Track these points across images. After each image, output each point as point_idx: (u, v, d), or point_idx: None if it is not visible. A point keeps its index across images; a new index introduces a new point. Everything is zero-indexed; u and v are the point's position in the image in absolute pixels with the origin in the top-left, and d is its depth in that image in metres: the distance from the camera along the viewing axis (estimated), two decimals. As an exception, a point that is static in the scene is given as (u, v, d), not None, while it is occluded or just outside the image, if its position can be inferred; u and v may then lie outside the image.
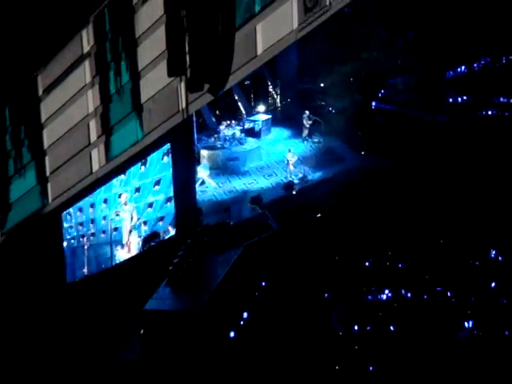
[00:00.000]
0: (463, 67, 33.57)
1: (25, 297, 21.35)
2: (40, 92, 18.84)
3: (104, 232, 23.73)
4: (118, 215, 23.80)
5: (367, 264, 26.00)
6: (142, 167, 23.86)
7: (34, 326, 21.23)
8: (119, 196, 23.72)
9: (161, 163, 24.48)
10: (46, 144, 19.26)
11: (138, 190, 24.11)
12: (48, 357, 21.03)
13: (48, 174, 19.40)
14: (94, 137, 18.88)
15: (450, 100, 33.16)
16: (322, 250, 26.71)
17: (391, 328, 22.03)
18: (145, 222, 24.77)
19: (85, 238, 23.24)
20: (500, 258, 24.70)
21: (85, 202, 22.32)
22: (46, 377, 20.76)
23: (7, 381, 20.23)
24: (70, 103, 18.72)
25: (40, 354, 20.99)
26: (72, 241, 22.95)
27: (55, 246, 22.35)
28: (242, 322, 22.67)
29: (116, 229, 24.00)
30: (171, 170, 24.93)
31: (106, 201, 23.25)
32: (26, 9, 17.67)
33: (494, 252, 24.86)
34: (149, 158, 23.76)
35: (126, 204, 24.00)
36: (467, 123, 31.52)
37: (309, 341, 21.96)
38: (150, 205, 24.74)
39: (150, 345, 21.31)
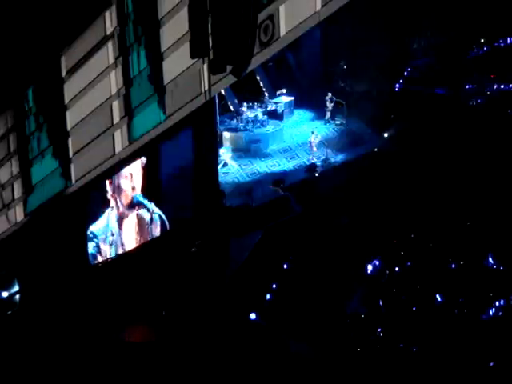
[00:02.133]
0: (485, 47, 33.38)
1: (48, 277, 21.49)
2: (63, 73, 18.87)
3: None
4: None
5: (390, 246, 25.97)
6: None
7: (57, 306, 21.37)
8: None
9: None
10: (69, 125, 19.31)
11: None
12: (67, 337, 21.19)
13: (71, 155, 19.46)
14: (116, 118, 18.88)
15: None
16: (344, 234, 26.67)
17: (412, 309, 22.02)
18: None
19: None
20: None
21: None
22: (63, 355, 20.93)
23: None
24: (93, 84, 18.73)
25: (61, 334, 21.15)
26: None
27: (79, 227, 22.47)
28: (263, 305, 22.72)
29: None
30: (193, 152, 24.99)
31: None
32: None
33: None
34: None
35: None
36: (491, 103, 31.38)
37: (325, 326, 21.96)
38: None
39: (173, 327, 21.40)
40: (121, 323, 21.90)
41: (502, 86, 32.67)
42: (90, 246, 23.11)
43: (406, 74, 34.82)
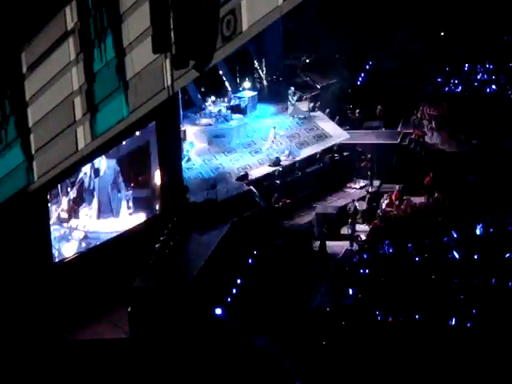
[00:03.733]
0: None
1: (11, 276, 21.29)
2: (24, 69, 18.68)
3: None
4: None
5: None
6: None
7: (21, 305, 21.19)
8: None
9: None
10: (30, 122, 19.12)
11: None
12: (34, 335, 21.04)
13: (33, 151, 19.28)
14: (79, 114, 18.73)
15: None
16: (308, 227, 26.77)
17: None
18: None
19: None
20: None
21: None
22: (32, 356, 20.79)
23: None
24: (54, 80, 18.55)
25: (26, 333, 20.99)
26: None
27: (41, 224, 22.28)
28: (229, 299, 22.72)
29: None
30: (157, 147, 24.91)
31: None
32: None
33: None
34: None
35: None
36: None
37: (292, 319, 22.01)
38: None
39: (139, 322, 21.34)
40: (85, 320, 21.81)
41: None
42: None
43: (367, 67, 35.07)
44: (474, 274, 22.43)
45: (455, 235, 24.43)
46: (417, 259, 23.57)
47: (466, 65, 34.22)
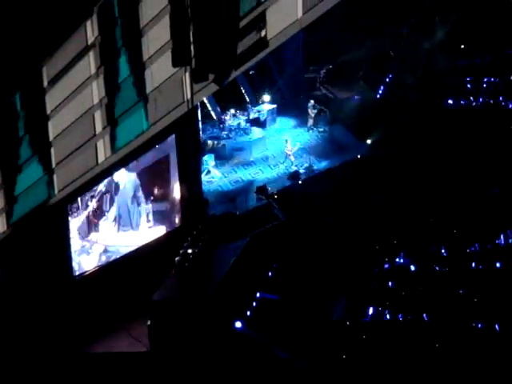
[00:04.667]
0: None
1: (31, 289, 21.35)
2: (45, 83, 18.79)
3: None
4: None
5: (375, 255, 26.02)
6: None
7: (40, 318, 21.23)
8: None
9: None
10: (51, 135, 19.22)
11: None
12: (52, 349, 21.06)
13: (54, 165, 19.36)
14: (99, 128, 18.82)
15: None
16: (329, 240, 26.68)
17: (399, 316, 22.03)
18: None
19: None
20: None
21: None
22: (51, 370, 20.80)
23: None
24: (75, 94, 18.65)
25: (44, 347, 21.02)
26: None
27: (61, 238, 22.35)
28: (248, 312, 22.67)
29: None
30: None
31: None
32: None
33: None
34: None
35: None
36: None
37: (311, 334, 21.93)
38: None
39: (159, 335, 21.32)
40: (105, 334, 21.82)
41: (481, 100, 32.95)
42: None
43: (387, 80, 34.95)
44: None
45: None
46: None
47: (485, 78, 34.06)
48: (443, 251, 24.67)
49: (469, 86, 33.10)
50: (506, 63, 33.89)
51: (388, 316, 22.07)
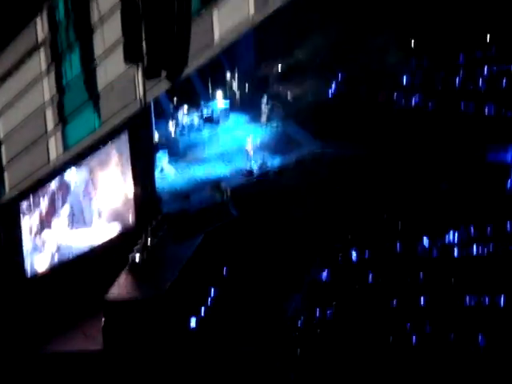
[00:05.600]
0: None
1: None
2: (-5, 81, 18.60)
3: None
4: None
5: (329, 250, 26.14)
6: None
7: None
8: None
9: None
10: (2, 133, 19.04)
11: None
12: (5, 350, 20.87)
13: (4, 163, 19.18)
14: (50, 125, 18.68)
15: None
16: (282, 237, 26.76)
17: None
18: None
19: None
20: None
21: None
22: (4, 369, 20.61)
23: None
24: (25, 92, 18.49)
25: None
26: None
27: (13, 237, 22.12)
28: (203, 309, 22.66)
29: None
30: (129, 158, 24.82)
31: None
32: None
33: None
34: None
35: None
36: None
37: (266, 330, 21.99)
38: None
39: (113, 334, 21.22)
40: (58, 333, 21.67)
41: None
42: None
43: (340, 76, 35.10)
44: None
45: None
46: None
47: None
48: (397, 246, 24.91)
49: (417, 82, 33.37)
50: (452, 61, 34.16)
51: (339, 312, 22.21)
